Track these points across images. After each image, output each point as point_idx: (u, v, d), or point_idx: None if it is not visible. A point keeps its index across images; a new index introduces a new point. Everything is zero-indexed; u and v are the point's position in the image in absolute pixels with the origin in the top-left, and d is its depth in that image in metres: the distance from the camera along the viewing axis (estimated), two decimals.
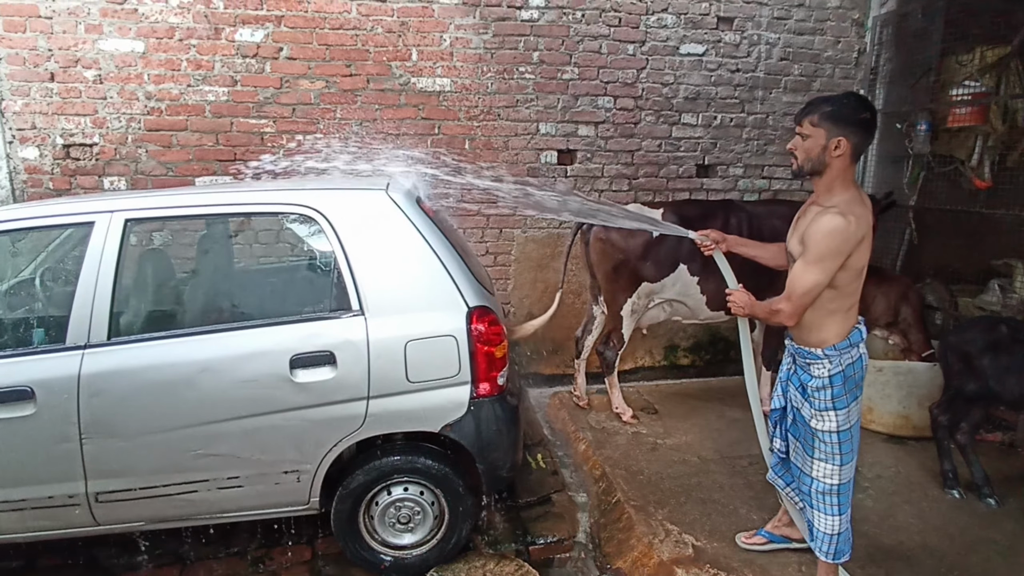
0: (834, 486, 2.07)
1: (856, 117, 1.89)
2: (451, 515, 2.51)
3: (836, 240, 1.86)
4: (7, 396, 2.17)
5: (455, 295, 2.37)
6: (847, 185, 1.95)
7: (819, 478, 2.09)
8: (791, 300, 1.97)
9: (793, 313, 1.97)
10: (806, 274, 1.92)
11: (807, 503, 2.17)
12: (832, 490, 2.08)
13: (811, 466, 2.12)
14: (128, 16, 3.68)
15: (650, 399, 4.09)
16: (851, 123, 1.89)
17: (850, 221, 1.86)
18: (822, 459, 2.08)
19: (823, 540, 2.12)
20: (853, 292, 1.99)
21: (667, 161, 4.43)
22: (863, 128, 1.90)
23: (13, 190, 3.74)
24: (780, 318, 1.99)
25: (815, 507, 2.13)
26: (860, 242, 1.90)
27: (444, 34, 3.99)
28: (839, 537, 2.10)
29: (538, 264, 4.38)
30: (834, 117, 1.89)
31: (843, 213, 1.87)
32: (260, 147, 3.93)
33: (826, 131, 1.90)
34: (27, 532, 2.31)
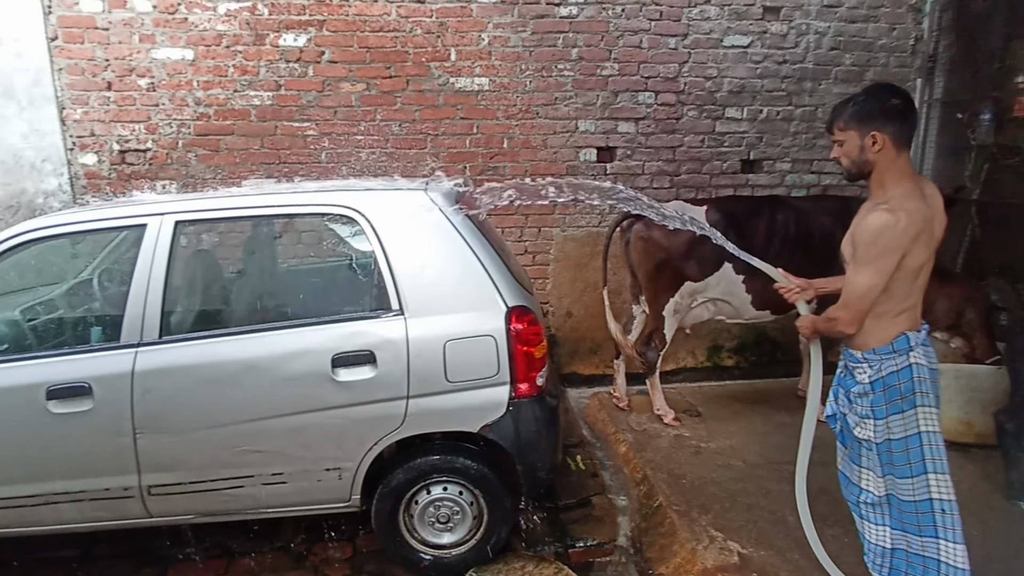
0: (881, 497, 1.97)
1: (883, 107, 1.80)
2: (490, 515, 2.50)
3: (885, 238, 1.76)
4: (67, 392, 2.26)
5: (494, 295, 2.36)
6: (899, 179, 1.83)
7: (866, 488, 2.00)
8: (848, 307, 1.87)
9: (852, 320, 1.87)
10: (859, 276, 1.83)
11: (856, 513, 2.08)
12: (879, 501, 1.98)
13: (858, 475, 2.02)
14: (179, 25, 3.80)
15: (693, 401, 4.00)
16: (880, 115, 1.79)
17: (899, 217, 1.74)
18: (868, 468, 1.99)
19: (876, 553, 2.01)
20: (904, 295, 1.86)
21: (710, 157, 4.32)
22: (896, 116, 1.80)
23: (74, 194, 3.92)
24: (840, 327, 1.89)
25: (864, 516, 2.03)
26: (916, 238, 1.78)
27: (482, 33, 3.99)
28: (892, 553, 1.99)
29: (577, 263, 4.34)
30: (860, 115, 1.81)
31: (891, 209, 1.76)
32: (303, 149, 4.01)
33: (857, 131, 1.82)
34: (85, 522, 2.41)
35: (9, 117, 3.79)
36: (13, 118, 3.79)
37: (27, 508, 2.34)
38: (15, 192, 3.87)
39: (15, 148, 3.82)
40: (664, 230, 3.37)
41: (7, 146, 3.81)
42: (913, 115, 1.84)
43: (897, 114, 1.80)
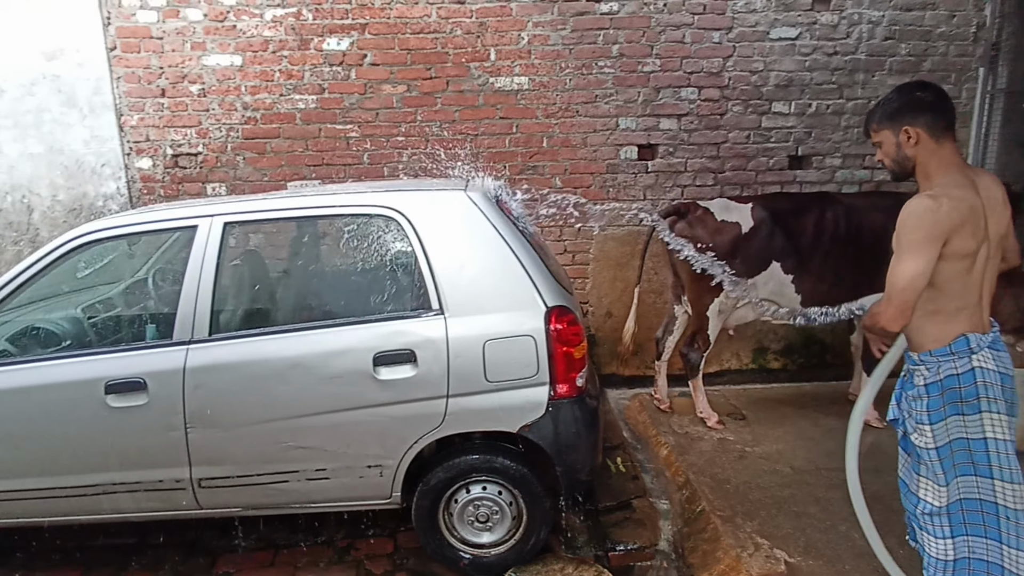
0: (940, 507, 1.87)
1: (910, 101, 1.77)
2: (529, 516, 2.49)
3: (925, 222, 1.68)
4: (124, 387, 2.36)
5: (533, 295, 2.35)
6: (944, 169, 1.76)
7: (924, 498, 1.90)
8: (890, 300, 1.77)
9: (895, 315, 1.77)
10: (900, 265, 1.73)
11: (915, 524, 1.98)
12: (939, 511, 1.87)
13: (916, 484, 1.92)
14: (228, 32, 3.93)
15: (737, 404, 3.90)
16: (908, 109, 1.76)
17: (940, 202, 1.67)
18: (927, 477, 1.89)
19: (936, 568, 1.91)
20: (958, 292, 1.75)
21: (756, 153, 4.20)
22: (925, 107, 1.76)
23: (131, 197, 4.10)
24: (883, 322, 1.78)
25: (923, 527, 1.93)
26: (960, 226, 1.67)
27: (522, 32, 3.98)
28: (954, 565, 1.89)
29: (617, 263, 4.28)
30: (888, 113, 1.80)
31: (933, 196, 1.70)
32: (345, 151, 4.09)
33: (890, 129, 1.80)
34: (140, 512, 2.51)
35: (72, 124, 3.98)
36: (76, 125, 3.99)
37: (88, 497, 2.46)
38: (78, 196, 4.06)
39: (77, 154, 4.02)
40: (708, 228, 3.29)
41: (70, 152, 4.01)
42: (943, 104, 1.79)
43: (926, 105, 1.76)
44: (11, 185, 4.03)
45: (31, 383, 2.40)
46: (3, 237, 4.08)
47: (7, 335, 2.61)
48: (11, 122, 3.96)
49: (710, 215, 3.33)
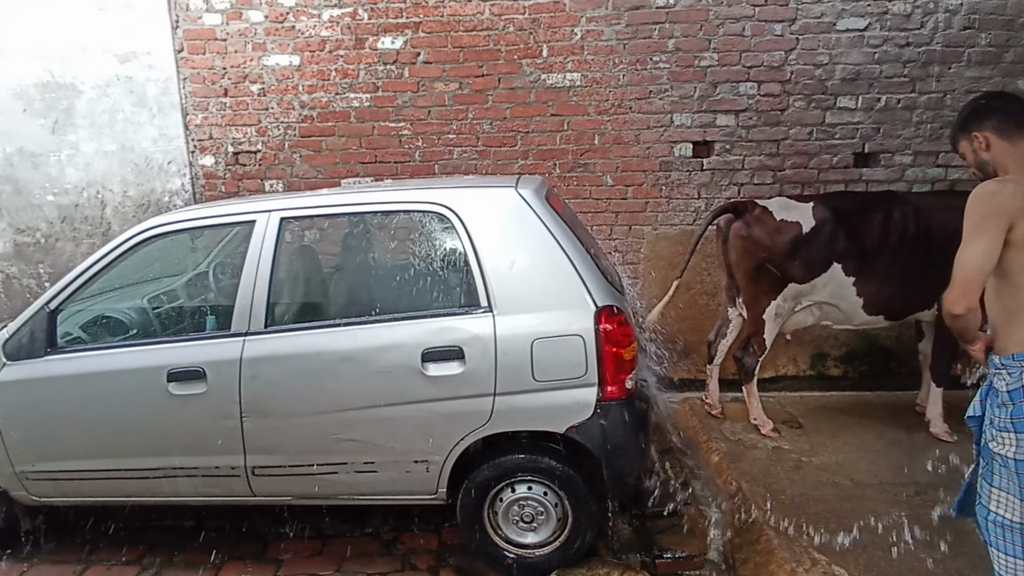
0: (1016, 524, 1.74)
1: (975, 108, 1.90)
2: (575, 518, 2.45)
3: (984, 202, 1.69)
4: (185, 375, 2.45)
5: (583, 294, 2.32)
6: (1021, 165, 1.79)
7: (996, 511, 1.77)
8: (953, 282, 1.72)
9: (957, 296, 1.71)
10: (964, 249, 1.71)
11: (985, 538, 1.85)
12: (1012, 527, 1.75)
13: (988, 495, 1.80)
14: (287, 33, 4.03)
15: (793, 411, 3.74)
16: (974, 116, 1.88)
17: (1004, 185, 1.68)
18: (1002, 488, 1.76)
19: None
20: None
21: (819, 150, 4.02)
22: (988, 112, 1.86)
23: (194, 193, 4.27)
24: (947, 304, 1.74)
25: (992, 543, 1.80)
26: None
27: (575, 28, 3.93)
28: None
29: (669, 263, 4.18)
30: (959, 124, 1.93)
31: (999, 180, 1.74)
32: (398, 149, 4.14)
33: (964, 140, 1.92)
34: (198, 496, 2.61)
35: (142, 124, 4.18)
36: (145, 124, 4.18)
37: (150, 480, 2.57)
38: (146, 192, 4.26)
39: (146, 152, 4.21)
40: (766, 228, 3.17)
41: (140, 150, 4.21)
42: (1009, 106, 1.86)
43: (989, 110, 1.86)
44: (87, 181, 4.26)
45: (101, 369, 2.53)
46: (79, 230, 4.32)
47: (80, 323, 2.76)
48: (88, 122, 4.19)
49: (768, 214, 3.21)
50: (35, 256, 4.37)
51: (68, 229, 4.32)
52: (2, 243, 4.36)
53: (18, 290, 4.39)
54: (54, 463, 2.59)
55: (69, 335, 2.67)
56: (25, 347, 2.55)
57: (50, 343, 2.56)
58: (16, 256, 4.37)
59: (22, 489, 2.65)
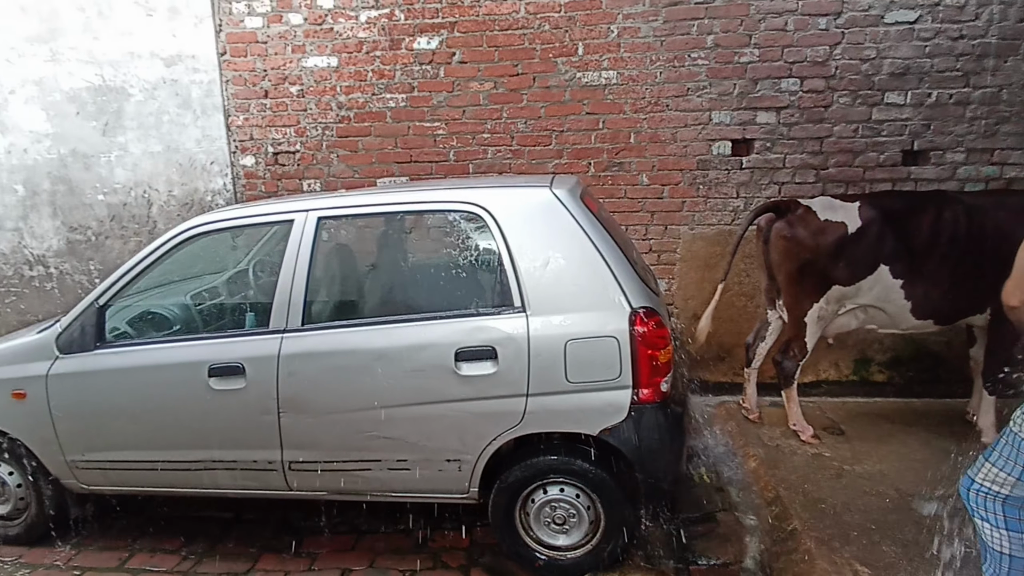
0: (999, 494, 1.67)
1: None
2: (607, 522, 2.42)
3: None
4: (225, 371, 2.51)
5: (618, 295, 2.28)
6: None
7: (983, 481, 1.71)
8: (1012, 275, 1.69)
9: (1012, 290, 1.68)
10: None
11: (968, 505, 1.79)
12: (997, 497, 1.68)
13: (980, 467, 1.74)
14: (325, 35, 4.10)
15: (834, 418, 3.63)
16: None
17: None
18: (997, 466, 1.69)
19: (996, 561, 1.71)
20: None
21: (865, 148, 3.88)
22: None
23: (235, 193, 4.37)
24: (1004, 296, 1.71)
25: (974, 513, 1.74)
26: None
27: (612, 25, 3.89)
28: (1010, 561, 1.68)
29: (706, 263, 4.10)
30: None
31: None
32: (432, 148, 4.16)
33: None
34: (236, 489, 2.67)
35: (186, 125, 4.30)
36: (189, 126, 4.30)
37: (191, 472, 2.64)
38: (190, 191, 4.39)
39: (190, 152, 4.34)
40: (809, 228, 3.08)
41: (184, 151, 4.34)
42: None
43: None
44: (135, 181, 4.41)
45: (146, 363, 2.61)
46: (127, 228, 4.48)
47: (127, 318, 2.85)
48: (136, 123, 4.34)
49: (812, 214, 3.11)
50: (86, 253, 4.55)
51: (117, 227, 4.49)
52: (56, 240, 4.55)
53: (71, 286, 4.58)
54: (102, 453, 2.69)
55: (117, 330, 2.76)
56: (76, 341, 2.65)
57: (99, 338, 2.65)
58: (69, 253, 4.56)
59: (72, 477, 2.75)
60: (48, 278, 4.61)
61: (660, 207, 4.06)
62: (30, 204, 4.52)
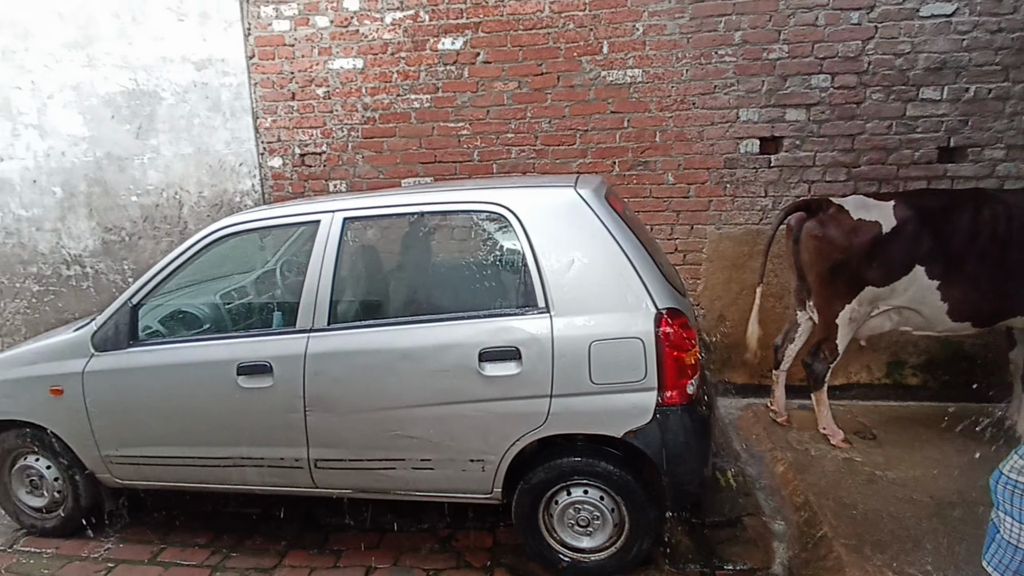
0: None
1: None
2: (631, 525, 2.40)
3: None
4: (254, 369, 2.55)
5: (643, 296, 2.26)
6: None
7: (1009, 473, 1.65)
8: None
9: None
10: None
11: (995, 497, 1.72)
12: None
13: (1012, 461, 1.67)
14: (351, 37, 4.14)
15: (865, 422, 3.54)
16: None
17: None
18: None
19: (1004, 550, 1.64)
20: None
21: (899, 145, 3.78)
22: None
23: (263, 193, 4.44)
24: None
25: (1000, 505, 1.67)
26: None
27: (637, 23, 3.85)
28: None
29: (733, 263, 4.04)
30: None
31: None
32: (457, 149, 4.17)
33: None
34: (264, 486, 2.71)
35: (216, 128, 4.39)
36: (219, 128, 4.38)
37: (219, 468, 2.69)
38: (219, 192, 4.47)
39: (220, 154, 4.42)
40: (842, 228, 3.01)
41: (214, 153, 4.42)
42: None
43: None
44: (166, 183, 4.51)
45: (177, 361, 2.66)
46: (159, 229, 4.58)
47: (159, 317, 2.91)
48: (168, 126, 4.43)
49: (844, 213, 3.04)
50: (120, 253, 4.66)
51: (149, 228, 4.59)
52: (92, 241, 4.68)
53: (105, 285, 4.71)
54: (135, 448, 2.75)
55: (149, 328, 2.83)
56: (111, 339, 2.72)
57: (132, 336, 2.72)
58: (104, 253, 4.68)
59: (106, 472, 2.83)
60: (84, 277, 4.75)
61: (686, 206, 4.01)
62: (67, 206, 4.66)
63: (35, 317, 4.85)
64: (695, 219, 4.03)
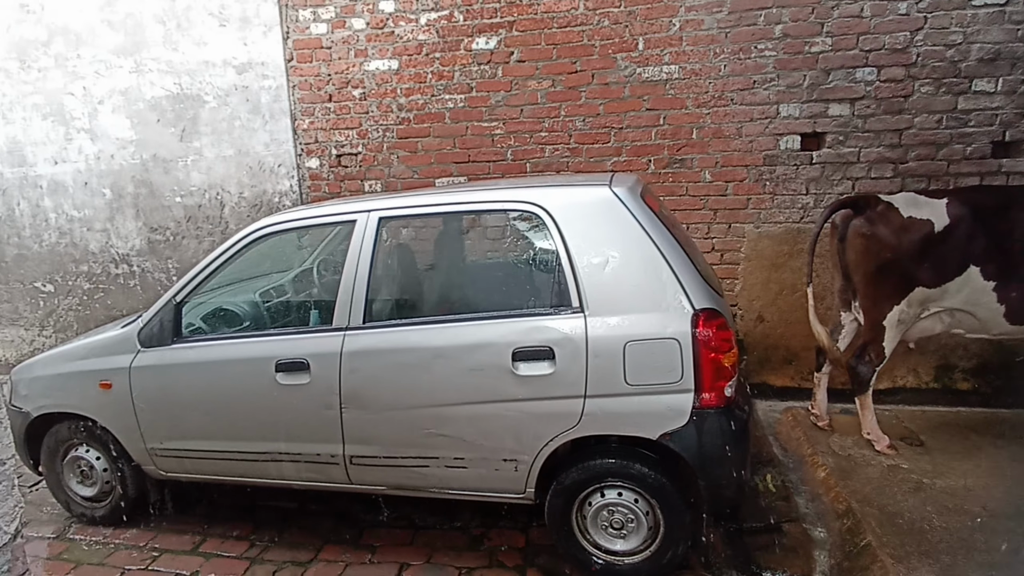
0: None
1: None
2: (667, 528, 2.36)
3: None
4: (291, 366, 2.59)
5: (680, 296, 2.22)
6: None
7: None
8: None
9: None
10: None
11: None
12: None
13: None
14: (387, 39, 4.18)
15: (912, 427, 3.41)
16: None
17: None
18: None
19: None
20: None
21: (949, 139, 3.63)
22: None
23: (301, 194, 4.53)
24: None
25: None
26: None
27: (673, 18, 3.79)
28: None
29: (772, 263, 3.94)
30: None
31: None
32: (490, 148, 4.17)
33: None
34: (300, 481, 2.75)
35: (256, 130, 4.49)
36: (259, 130, 4.49)
37: (258, 463, 2.75)
38: (259, 193, 4.58)
39: (259, 156, 4.52)
40: (891, 226, 2.90)
41: (254, 154, 4.53)
42: None
43: None
44: (209, 184, 4.64)
45: (218, 358, 2.73)
46: (201, 229, 4.71)
47: (201, 314, 2.99)
48: (210, 129, 4.56)
49: (894, 210, 2.93)
50: (165, 252, 4.82)
51: (192, 228, 4.73)
52: (139, 240, 4.85)
53: (151, 283, 4.87)
54: (178, 442, 2.84)
55: (192, 325, 2.91)
56: (155, 336, 2.81)
57: (176, 332, 2.80)
58: (150, 252, 4.85)
59: (152, 464, 2.92)
60: (131, 276, 4.92)
61: (723, 205, 3.93)
62: (116, 206, 4.83)
63: (86, 314, 5.05)
64: (733, 217, 3.95)
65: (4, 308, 5.26)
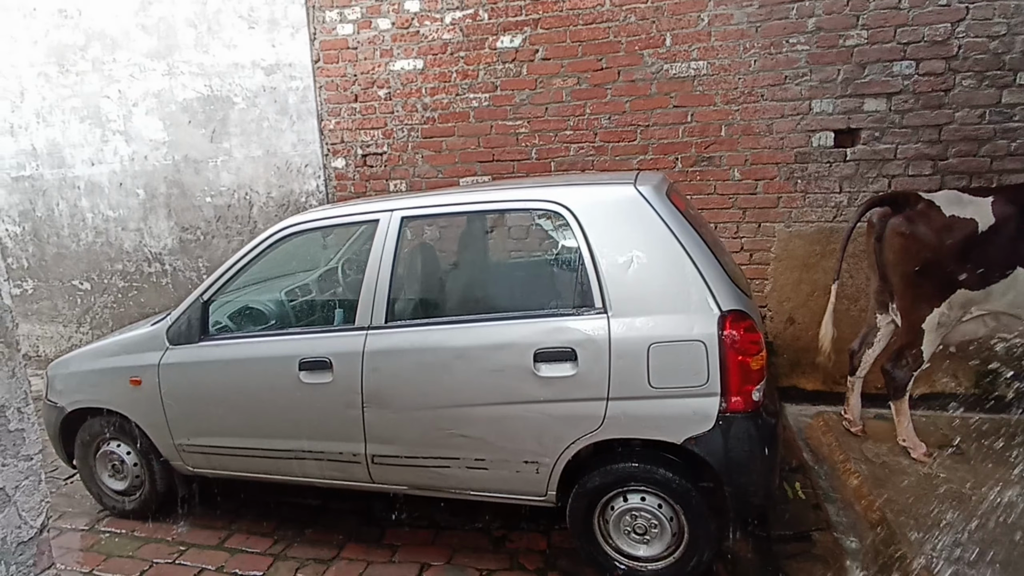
0: None
1: None
2: (691, 535, 2.30)
3: None
4: (315, 365, 2.61)
5: (706, 297, 2.16)
6: None
7: None
8: None
9: None
10: None
11: None
12: None
13: None
14: (412, 38, 4.19)
15: (950, 434, 3.27)
16: None
17: None
18: None
19: None
20: None
21: (992, 135, 3.48)
22: None
23: (327, 193, 4.57)
24: None
25: None
26: None
27: (702, 13, 3.71)
28: None
29: (803, 263, 3.83)
30: None
31: None
32: (515, 147, 4.15)
33: None
34: (323, 479, 2.77)
35: (283, 130, 4.54)
36: (286, 131, 4.54)
37: (282, 460, 2.77)
38: (286, 192, 4.63)
39: (287, 156, 4.58)
40: (933, 225, 2.78)
41: (281, 154, 4.58)
42: None
43: None
44: (238, 184, 4.72)
45: (243, 356, 2.76)
46: (230, 228, 4.79)
47: (228, 313, 3.03)
48: (239, 130, 4.63)
49: (935, 209, 2.81)
50: (195, 251, 4.91)
51: (222, 227, 4.81)
52: (171, 240, 4.95)
53: (182, 281, 4.97)
54: (205, 438, 2.88)
55: (218, 323, 2.95)
56: (183, 333, 2.85)
57: (203, 330, 2.84)
58: (181, 251, 4.95)
59: (180, 459, 2.97)
60: (163, 274, 5.03)
61: (753, 203, 3.84)
62: (149, 207, 4.95)
63: (120, 311, 5.19)
64: (763, 217, 3.85)
65: (44, 305, 5.43)
